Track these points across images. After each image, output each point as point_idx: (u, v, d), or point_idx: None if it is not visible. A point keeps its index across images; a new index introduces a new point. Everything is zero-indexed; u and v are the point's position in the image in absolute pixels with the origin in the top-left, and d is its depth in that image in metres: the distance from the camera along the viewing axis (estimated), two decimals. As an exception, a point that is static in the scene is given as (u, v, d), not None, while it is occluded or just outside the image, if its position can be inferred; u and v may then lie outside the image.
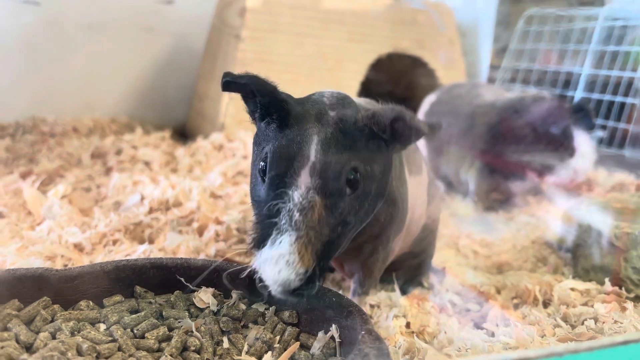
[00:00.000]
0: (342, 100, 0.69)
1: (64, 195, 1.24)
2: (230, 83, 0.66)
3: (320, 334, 0.67)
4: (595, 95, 2.01)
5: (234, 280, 0.74)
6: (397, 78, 2.11)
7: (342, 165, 0.62)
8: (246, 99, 0.69)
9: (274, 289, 0.59)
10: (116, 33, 2.08)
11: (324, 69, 1.89)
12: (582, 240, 1.06)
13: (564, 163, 1.50)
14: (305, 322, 0.70)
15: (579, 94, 2.01)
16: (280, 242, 0.59)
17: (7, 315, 0.64)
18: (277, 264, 0.58)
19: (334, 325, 0.66)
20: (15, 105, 1.84)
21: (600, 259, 1.01)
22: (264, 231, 0.61)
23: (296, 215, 0.59)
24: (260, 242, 0.61)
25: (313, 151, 0.62)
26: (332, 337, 0.66)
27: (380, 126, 0.65)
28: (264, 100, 0.65)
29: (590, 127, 1.52)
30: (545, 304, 0.93)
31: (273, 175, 0.62)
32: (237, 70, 1.94)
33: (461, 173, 1.64)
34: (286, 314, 0.71)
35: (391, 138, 0.67)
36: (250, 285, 0.75)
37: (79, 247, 1.03)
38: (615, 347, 0.43)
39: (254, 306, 0.73)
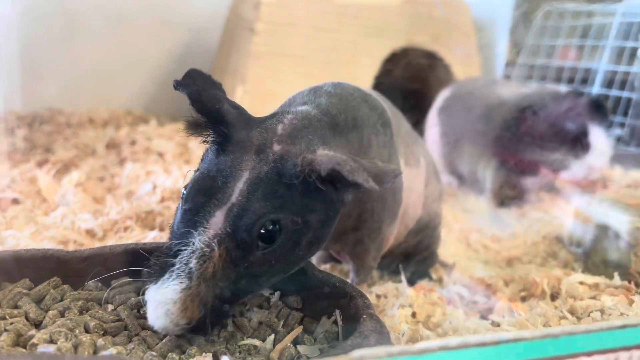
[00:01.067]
0: (298, 131, 0.62)
1: (78, 183, 1.26)
2: (177, 87, 0.61)
3: (324, 318, 0.68)
4: (614, 92, 1.99)
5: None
6: (411, 72, 2.10)
7: (259, 217, 0.56)
8: (202, 127, 0.64)
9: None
10: (133, 26, 2.10)
11: (338, 63, 1.89)
12: (594, 236, 1.06)
13: (579, 159, 1.49)
14: (310, 306, 0.71)
15: (596, 91, 1.98)
16: (167, 288, 0.54)
17: (17, 293, 0.65)
18: (157, 310, 0.55)
19: (337, 310, 0.67)
20: (33, 96, 1.87)
21: (611, 254, 1.01)
22: (160, 267, 0.57)
23: (192, 262, 0.55)
24: (154, 277, 0.57)
25: (237, 190, 0.57)
26: (335, 322, 0.67)
27: (316, 175, 0.57)
28: (204, 119, 0.61)
29: (606, 124, 1.50)
30: (553, 297, 0.93)
31: (186, 209, 0.58)
32: (251, 63, 1.94)
33: (478, 169, 1.63)
34: (291, 298, 0.72)
35: (336, 186, 0.60)
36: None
37: (91, 233, 1.05)
38: (613, 331, 0.43)
39: (259, 291, 0.74)
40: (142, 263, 0.75)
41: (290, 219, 0.57)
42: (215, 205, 0.56)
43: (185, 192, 0.59)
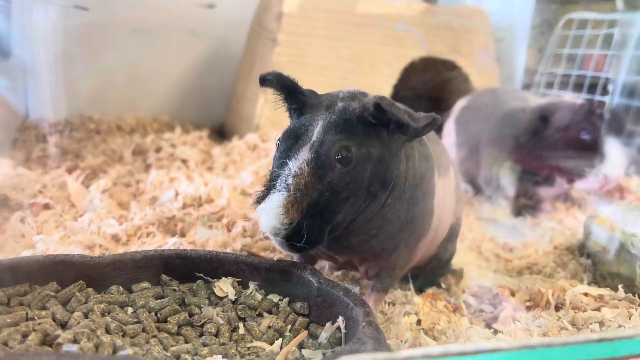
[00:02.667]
0: (353, 95, 0.79)
1: (105, 189, 1.32)
2: (263, 79, 0.80)
3: (328, 324, 0.71)
4: (637, 103, 1.98)
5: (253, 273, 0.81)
6: (430, 82, 2.12)
7: (334, 143, 0.73)
8: (285, 99, 0.81)
9: (268, 234, 0.73)
10: (160, 36, 2.17)
11: (357, 72, 1.93)
12: (601, 247, 1.07)
13: (594, 169, 1.50)
14: (315, 313, 0.75)
15: (615, 100, 1.98)
16: (272, 199, 0.72)
17: (45, 296, 0.71)
18: (268, 214, 0.72)
19: (340, 317, 0.71)
20: (64, 104, 1.95)
21: (617, 266, 1.02)
22: (264, 192, 0.75)
23: (289, 179, 0.72)
24: (261, 199, 0.75)
25: (316, 132, 0.75)
26: (339, 328, 0.70)
27: (367, 112, 0.74)
28: (286, 93, 0.79)
29: (621, 134, 1.51)
30: (558, 308, 0.95)
31: (282, 149, 0.76)
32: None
33: (494, 177, 1.65)
34: (298, 305, 0.76)
35: (387, 125, 0.75)
36: (268, 277, 0.81)
37: (115, 238, 1.11)
38: (589, 344, 0.46)
39: (269, 297, 0.78)
40: (161, 269, 0.80)
41: (358, 147, 0.74)
42: (301, 144, 0.75)
43: (279, 141, 0.78)
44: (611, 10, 2.18)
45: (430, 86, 2.13)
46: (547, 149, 1.54)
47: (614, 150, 1.49)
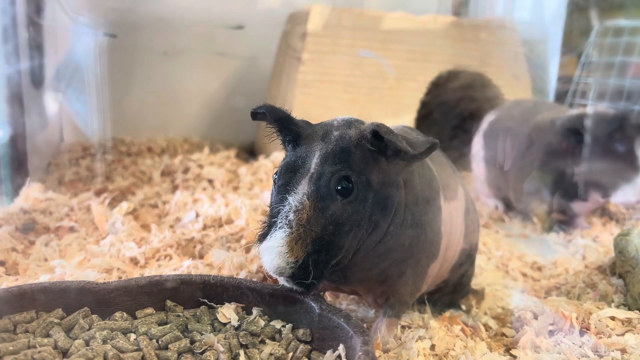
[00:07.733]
0: (348, 123, 0.77)
1: (128, 212, 1.34)
2: (254, 113, 0.78)
3: (329, 352, 0.70)
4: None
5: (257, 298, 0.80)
6: (459, 95, 2.09)
7: (332, 174, 0.71)
8: (278, 131, 0.78)
9: (272, 274, 0.70)
10: (190, 58, 2.22)
11: (383, 88, 1.92)
12: (630, 267, 1.02)
13: (629, 182, 1.43)
14: (318, 340, 0.73)
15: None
16: (275, 236, 0.69)
17: (50, 323, 0.72)
18: (271, 254, 0.69)
19: (341, 345, 0.69)
20: (97, 127, 2.01)
21: (647, 286, 0.96)
22: (266, 229, 0.73)
23: (290, 215, 0.70)
24: (262, 237, 0.72)
25: (313, 164, 0.72)
26: (339, 356, 0.69)
27: (365, 139, 0.72)
28: (279, 125, 0.76)
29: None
30: (583, 333, 0.90)
31: (279, 184, 0.74)
32: (298, 91, 2.00)
33: (525, 192, 1.60)
34: (300, 331, 0.75)
35: (385, 151, 0.73)
36: (271, 303, 0.80)
37: (134, 261, 1.12)
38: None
39: (272, 323, 0.77)
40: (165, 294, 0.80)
41: (357, 176, 0.72)
42: (299, 177, 0.72)
43: (276, 175, 0.76)
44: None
45: (460, 99, 2.09)
46: (579, 162, 1.49)
47: (649, 161, 1.42)
